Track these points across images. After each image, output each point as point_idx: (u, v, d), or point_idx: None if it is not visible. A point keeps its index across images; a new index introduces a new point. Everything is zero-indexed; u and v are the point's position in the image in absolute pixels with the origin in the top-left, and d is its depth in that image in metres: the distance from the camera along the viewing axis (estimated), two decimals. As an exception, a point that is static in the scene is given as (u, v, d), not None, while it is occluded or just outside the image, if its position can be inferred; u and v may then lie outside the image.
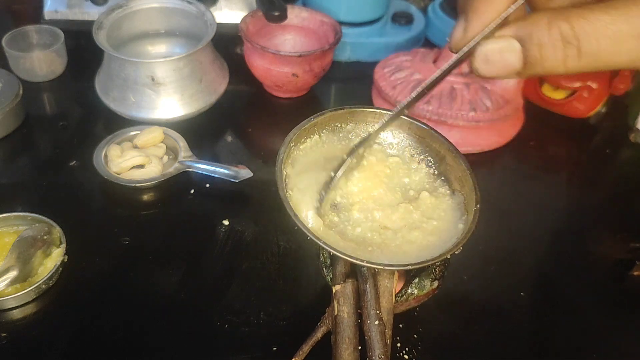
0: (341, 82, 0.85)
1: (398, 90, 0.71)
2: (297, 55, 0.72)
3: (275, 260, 0.58)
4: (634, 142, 0.76)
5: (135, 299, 0.54)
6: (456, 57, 0.37)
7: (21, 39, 0.79)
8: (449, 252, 0.42)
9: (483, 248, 0.58)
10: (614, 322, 0.56)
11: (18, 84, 0.71)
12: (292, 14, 0.79)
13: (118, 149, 0.66)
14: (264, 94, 0.80)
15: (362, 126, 0.51)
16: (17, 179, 0.66)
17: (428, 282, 0.49)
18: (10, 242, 0.54)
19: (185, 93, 0.72)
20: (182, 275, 0.56)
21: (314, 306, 0.50)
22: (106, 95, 0.73)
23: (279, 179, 0.44)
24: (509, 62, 0.34)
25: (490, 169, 0.72)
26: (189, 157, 0.66)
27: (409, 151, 0.51)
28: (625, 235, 0.64)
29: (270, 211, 0.62)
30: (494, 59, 0.35)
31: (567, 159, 0.76)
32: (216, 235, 0.60)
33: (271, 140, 0.74)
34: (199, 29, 0.75)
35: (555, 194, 0.71)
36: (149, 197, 0.65)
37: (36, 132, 0.72)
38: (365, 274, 0.45)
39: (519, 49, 0.34)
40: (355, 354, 0.43)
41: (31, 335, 0.51)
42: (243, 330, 0.52)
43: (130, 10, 0.77)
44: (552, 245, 0.64)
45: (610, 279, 0.59)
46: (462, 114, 0.68)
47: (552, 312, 0.56)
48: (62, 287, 0.54)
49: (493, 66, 0.35)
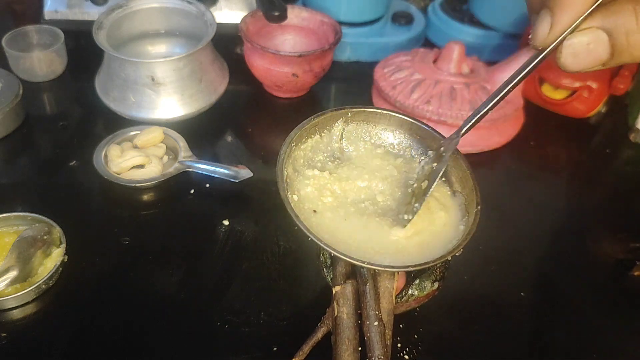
0: (341, 82, 0.85)
1: (398, 90, 0.71)
2: (297, 55, 0.72)
3: (275, 260, 0.58)
4: (634, 142, 0.76)
5: (135, 299, 0.54)
6: (542, 54, 0.36)
7: (21, 39, 0.79)
8: (450, 254, 0.42)
9: (483, 248, 0.59)
10: (614, 322, 0.56)
11: (18, 84, 0.71)
12: (292, 14, 0.79)
13: (118, 149, 0.66)
14: (264, 94, 0.80)
15: (363, 126, 0.51)
16: (17, 179, 0.66)
17: (428, 283, 0.49)
18: (10, 242, 0.54)
19: (185, 93, 0.72)
20: (182, 275, 0.56)
21: (314, 306, 0.50)
22: (106, 95, 0.73)
23: (280, 179, 0.44)
24: (597, 54, 0.34)
25: (490, 169, 0.72)
26: (189, 157, 0.66)
27: (409, 152, 0.51)
28: (625, 235, 0.64)
29: (270, 211, 0.62)
30: (581, 52, 0.34)
31: (567, 159, 0.76)
32: (216, 235, 0.60)
33: (271, 140, 0.74)
34: (199, 29, 0.75)
35: (555, 194, 0.71)
36: (149, 197, 0.65)
37: (36, 132, 0.72)
38: (365, 275, 0.45)
39: (607, 40, 0.33)
40: (355, 355, 0.43)
41: (31, 335, 0.51)
42: (243, 330, 0.52)
43: (130, 10, 0.77)
44: (552, 245, 0.64)
45: (611, 279, 0.59)
46: (462, 114, 0.68)
47: (552, 312, 0.56)
48: (62, 287, 0.54)
49: (582, 60, 0.34)
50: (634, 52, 0.33)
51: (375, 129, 0.51)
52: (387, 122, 0.51)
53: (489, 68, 0.75)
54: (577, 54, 0.34)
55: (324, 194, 0.46)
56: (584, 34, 0.34)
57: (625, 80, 0.75)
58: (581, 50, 0.34)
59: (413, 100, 0.70)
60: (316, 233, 0.42)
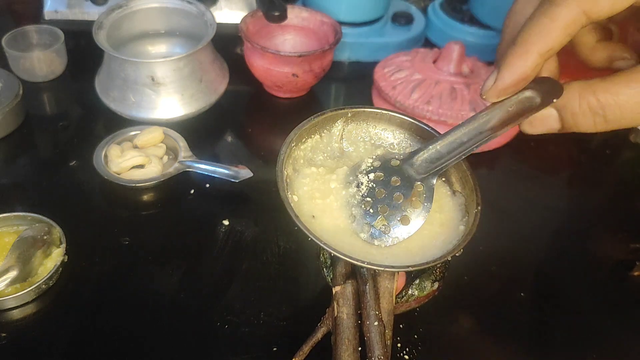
0: (341, 82, 0.85)
1: (398, 90, 0.71)
2: (297, 56, 0.72)
3: (275, 260, 0.58)
4: (634, 142, 0.76)
5: (135, 299, 0.54)
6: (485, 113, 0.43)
7: (21, 39, 0.79)
8: (450, 254, 0.42)
9: (483, 248, 0.58)
10: (614, 322, 0.56)
11: (18, 84, 0.71)
12: (292, 14, 0.79)
13: (118, 149, 0.66)
14: (264, 94, 0.80)
15: (363, 126, 0.51)
16: (17, 179, 0.66)
17: (429, 284, 0.49)
18: (10, 242, 0.54)
19: (185, 93, 0.72)
20: (182, 275, 0.56)
21: (314, 306, 0.50)
22: (106, 95, 0.73)
23: (280, 179, 0.44)
24: (549, 124, 0.42)
25: (490, 169, 0.72)
26: (189, 157, 0.66)
27: (409, 152, 0.51)
28: (625, 235, 0.64)
29: (270, 211, 0.62)
30: (536, 123, 0.42)
31: (567, 159, 0.76)
32: (216, 235, 0.60)
33: (271, 140, 0.74)
34: (199, 29, 0.75)
35: (555, 194, 0.71)
36: (149, 197, 0.65)
37: (36, 132, 0.72)
38: (365, 275, 0.45)
39: (557, 116, 0.41)
40: (355, 355, 0.43)
41: (31, 335, 0.51)
42: (243, 330, 0.52)
43: (130, 10, 0.77)
44: (552, 245, 0.64)
45: (611, 279, 0.59)
46: (462, 114, 0.68)
47: (552, 312, 0.56)
48: (62, 287, 0.54)
49: (537, 128, 0.43)
50: (580, 128, 0.41)
51: (375, 129, 0.51)
52: (387, 122, 0.51)
53: (489, 68, 0.75)
54: (533, 123, 0.42)
55: (325, 195, 0.46)
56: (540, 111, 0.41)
57: (625, 80, 0.74)
58: (536, 121, 0.42)
59: (413, 100, 0.70)
60: (315, 232, 0.42)
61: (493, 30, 0.86)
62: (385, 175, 0.46)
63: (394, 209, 0.44)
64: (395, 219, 0.44)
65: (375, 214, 0.44)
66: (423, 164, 0.45)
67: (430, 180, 0.45)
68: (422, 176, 0.45)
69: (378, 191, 0.45)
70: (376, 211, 0.45)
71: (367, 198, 0.45)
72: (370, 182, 0.45)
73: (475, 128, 0.43)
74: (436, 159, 0.45)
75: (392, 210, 0.44)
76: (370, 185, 0.45)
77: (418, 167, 0.45)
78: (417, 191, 0.45)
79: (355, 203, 0.45)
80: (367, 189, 0.45)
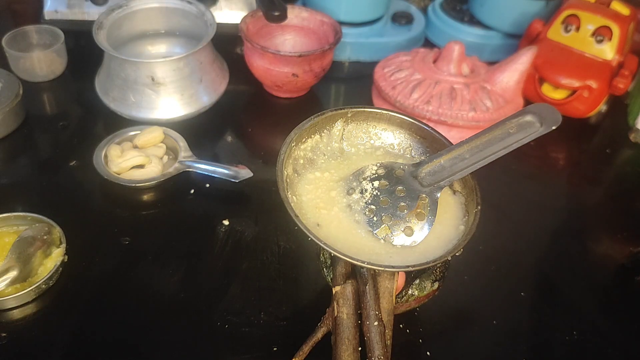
0: (341, 82, 0.85)
1: (398, 90, 0.71)
2: (297, 55, 0.72)
3: (275, 260, 0.58)
4: (634, 142, 0.76)
5: (136, 299, 0.54)
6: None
7: (21, 39, 0.79)
8: (450, 254, 0.42)
9: (483, 248, 0.59)
10: (614, 322, 0.56)
11: (18, 84, 0.71)
12: (292, 14, 0.79)
13: (118, 149, 0.66)
14: (264, 94, 0.80)
15: (364, 126, 0.51)
16: (17, 179, 0.66)
17: (429, 283, 0.49)
18: (10, 242, 0.54)
19: (185, 93, 0.72)
20: (182, 275, 0.56)
21: (314, 306, 0.50)
22: (106, 95, 0.73)
23: (280, 179, 0.44)
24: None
25: (490, 169, 0.72)
26: (189, 157, 0.66)
27: (409, 152, 0.51)
28: (625, 235, 0.64)
29: (270, 211, 0.62)
30: None
31: (567, 159, 0.76)
32: (216, 235, 0.60)
33: (271, 140, 0.74)
34: (199, 29, 0.75)
35: (555, 194, 0.71)
36: (149, 197, 0.65)
37: (36, 132, 0.72)
38: (365, 275, 0.45)
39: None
40: (355, 355, 0.43)
41: (31, 335, 0.51)
42: (243, 330, 0.52)
43: (130, 10, 0.77)
44: (552, 245, 0.64)
45: (610, 279, 0.60)
46: (462, 114, 0.68)
47: (552, 312, 0.56)
48: (62, 287, 0.54)
49: None
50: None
51: (375, 129, 0.51)
52: (387, 122, 0.51)
53: (489, 68, 0.75)
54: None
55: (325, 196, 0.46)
56: None
57: (625, 80, 0.75)
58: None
59: (413, 100, 0.70)
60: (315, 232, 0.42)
61: (493, 30, 0.86)
62: (390, 184, 0.46)
63: (398, 219, 0.45)
64: (399, 229, 0.44)
65: (379, 222, 0.45)
66: (427, 176, 0.46)
67: (435, 193, 0.45)
68: (427, 188, 0.45)
69: (383, 199, 0.45)
70: (380, 219, 0.45)
71: (371, 205, 0.45)
72: (375, 190, 0.46)
73: (477, 146, 0.44)
74: (439, 172, 0.45)
75: (396, 220, 0.45)
76: (375, 192, 0.46)
77: (422, 179, 0.46)
78: (422, 203, 0.45)
79: (358, 209, 0.46)
80: (372, 197, 0.46)
